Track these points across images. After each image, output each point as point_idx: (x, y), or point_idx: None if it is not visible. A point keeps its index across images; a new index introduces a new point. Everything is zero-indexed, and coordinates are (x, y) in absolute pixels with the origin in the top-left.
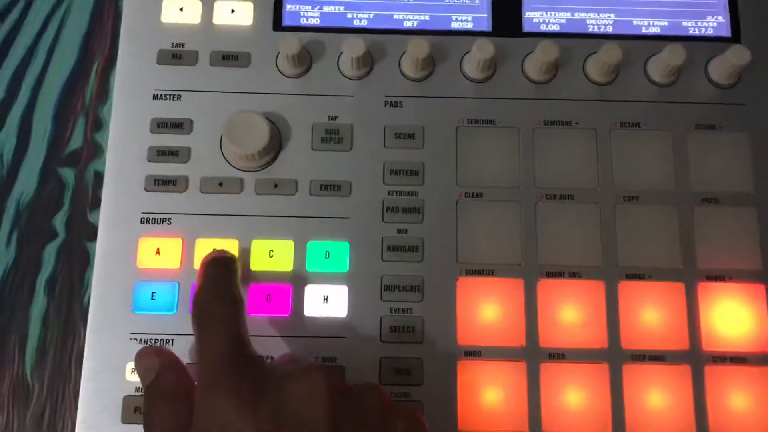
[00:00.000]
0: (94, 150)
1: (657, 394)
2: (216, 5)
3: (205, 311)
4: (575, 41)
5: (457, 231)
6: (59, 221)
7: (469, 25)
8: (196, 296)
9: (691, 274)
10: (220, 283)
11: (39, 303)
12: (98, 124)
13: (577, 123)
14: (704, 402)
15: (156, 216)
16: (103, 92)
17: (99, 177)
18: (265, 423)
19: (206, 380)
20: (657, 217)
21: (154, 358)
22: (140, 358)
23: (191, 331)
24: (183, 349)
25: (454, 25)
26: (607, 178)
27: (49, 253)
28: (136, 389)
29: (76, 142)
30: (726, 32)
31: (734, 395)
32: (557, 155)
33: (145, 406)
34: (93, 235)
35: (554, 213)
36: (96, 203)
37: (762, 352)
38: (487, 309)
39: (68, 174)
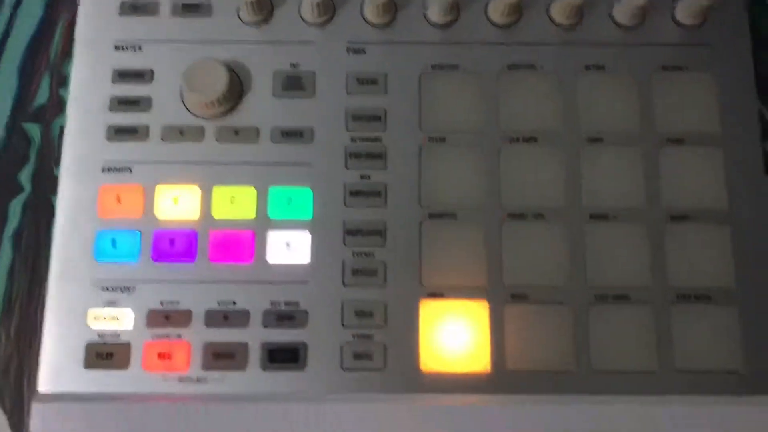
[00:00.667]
0: (60, 106)
1: (622, 332)
2: None
3: None
4: None
5: (421, 176)
6: (25, 176)
7: None
8: None
9: (655, 214)
10: None
11: (5, 256)
12: (64, 80)
13: (542, 67)
14: (670, 339)
15: (117, 165)
16: (69, 48)
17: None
18: None
19: None
20: (622, 159)
21: None
22: None
23: (152, 279)
24: (144, 297)
25: None
26: (572, 121)
27: (15, 207)
28: (99, 335)
29: (42, 97)
30: None
31: (699, 332)
32: (521, 99)
33: None
34: None
35: (518, 157)
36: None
37: (726, 291)
38: (450, 251)
39: (34, 129)
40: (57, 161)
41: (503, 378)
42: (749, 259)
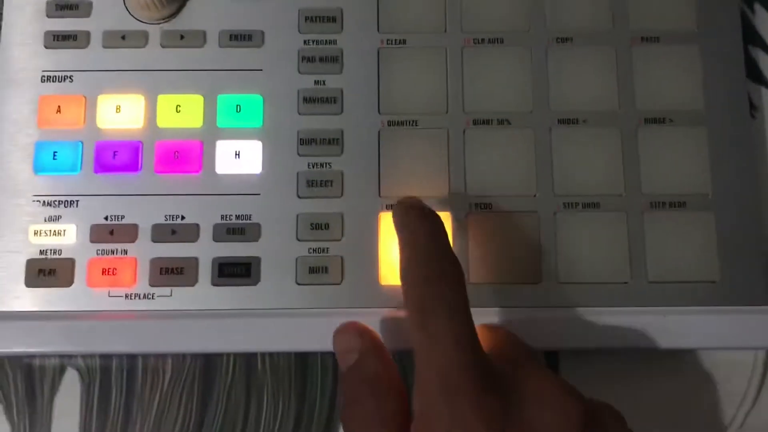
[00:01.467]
0: None
1: (592, 241)
2: None
3: (431, 293)
4: None
5: (379, 81)
6: None
7: None
8: (406, 269)
9: (628, 117)
10: (441, 253)
11: None
12: None
13: None
14: (639, 246)
15: (57, 74)
16: None
17: None
18: None
19: (441, 384)
20: (593, 59)
21: (356, 339)
22: (340, 335)
23: (95, 192)
24: (88, 211)
25: None
26: (539, 18)
27: None
28: (40, 252)
29: None
30: None
31: (673, 240)
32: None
33: (347, 391)
34: None
35: (483, 58)
36: None
37: (702, 196)
38: (410, 161)
39: None
40: None
41: None
42: (726, 163)
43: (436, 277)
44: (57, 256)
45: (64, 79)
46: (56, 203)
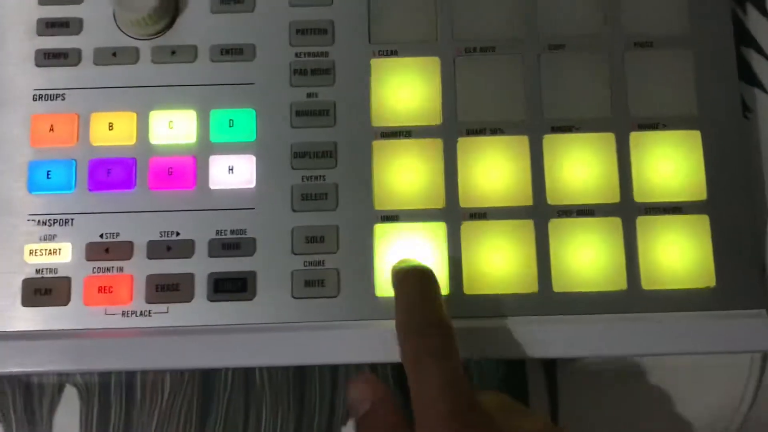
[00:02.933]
0: None
1: (586, 248)
2: None
3: (418, 344)
4: None
5: (371, 92)
6: None
7: None
8: (400, 323)
9: (622, 122)
10: (424, 306)
11: None
12: None
13: None
14: (635, 253)
15: (49, 92)
16: None
17: None
18: None
19: (431, 425)
20: (585, 65)
21: (368, 390)
22: (354, 386)
23: (89, 210)
24: (83, 229)
25: None
26: (530, 26)
27: None
28: (36, 271)
29: None
30: None
31: (666, 245)
32: (477, 3)
33: None
34: None
35: (475, 67)
36: None
37: (697, 201)
38: (404, 172)
39: None
40: None
41: (461, 301)
42: (721, 166)
43: (425, 329)
44: (53, 275)
45: (56, 97)
46: (51, 222)
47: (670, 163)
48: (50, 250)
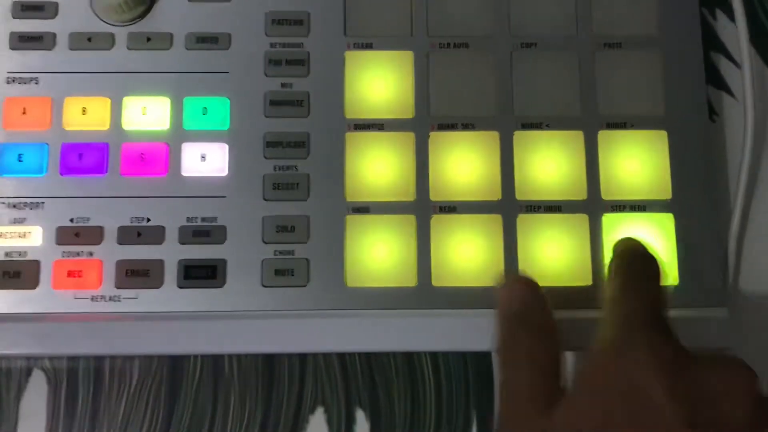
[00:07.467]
0: None
1: (553, 243)
2: None
3: (632, 268)
4: None
5: (345, 84)
6: None
7: None
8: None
9: (591, 121)
10: (645, 257)
11: None
12: None
13: None
14: (601, 249)
15: (22, 75)
16: None
17: None
18: (680, 398)
19: (620, 333)
20: (556, 64)
21: (521, 289)
22: (509, 286)
23: (60, 194)
24: (53, 213)
25: None
26: (503, 24)
27: None
28: (5, 254)
29: None
30: None
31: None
32: (449, 3)
33: (507, 334)
34: None
35: (448, 62)
36: None
37: (662, 200)
38: (376, 164)
39: None
40: None
41: (429, 293)
42: (686, 167)
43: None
44: (22, 258)
45: (30, 80)
46: (21, 205)
47: (637, 162)
48: (20, 233)
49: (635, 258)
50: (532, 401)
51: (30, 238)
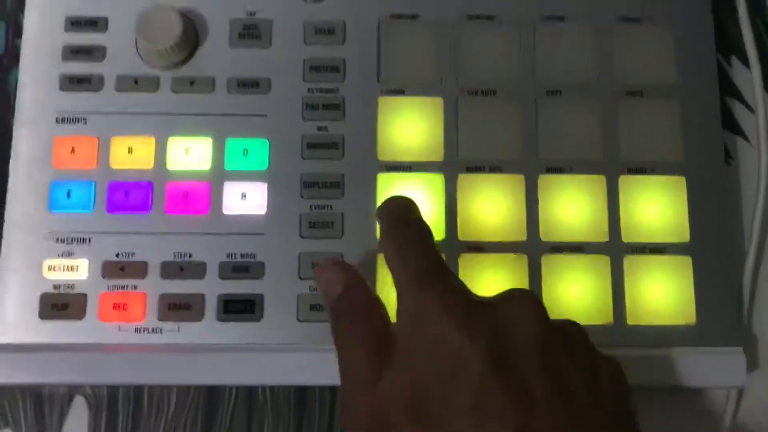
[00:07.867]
0: (17, 56)
1: (575, 283)
2: None
3: (399, 230)
4: None
5: (378, 127)
6: None
7: None
8: (385, 220)
9: (612, 166)
10: (405, 211)
11: None
12: (20, 30)
13: (501, 17)
14: (622, 290)
15: (71, 116)
16: None
17: None
18: (477, 335)
19: (412, 283)
20: (579, 111)
21: (339, 273)
22: (323, 271)
23: (107, 230)
24: (100, 248)
25: None
26: (529, 72)
27: None
28: (54, 286)
29: None
30: None
31: (650, 283)
32: (480, 50)
33: (336, 320)
34: None
35: (476, 108)
36: None
37: (681, 242)
38: None
39: None
40: (14, 112)
41: None
42: (704, 210)
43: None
44: (70, 291)
45: (78, 120)
46: (70, 240)
47: (656, 206)
48: (68, 266)
49: (399, 220)
50: (362, 381)
51: (78, 271)
